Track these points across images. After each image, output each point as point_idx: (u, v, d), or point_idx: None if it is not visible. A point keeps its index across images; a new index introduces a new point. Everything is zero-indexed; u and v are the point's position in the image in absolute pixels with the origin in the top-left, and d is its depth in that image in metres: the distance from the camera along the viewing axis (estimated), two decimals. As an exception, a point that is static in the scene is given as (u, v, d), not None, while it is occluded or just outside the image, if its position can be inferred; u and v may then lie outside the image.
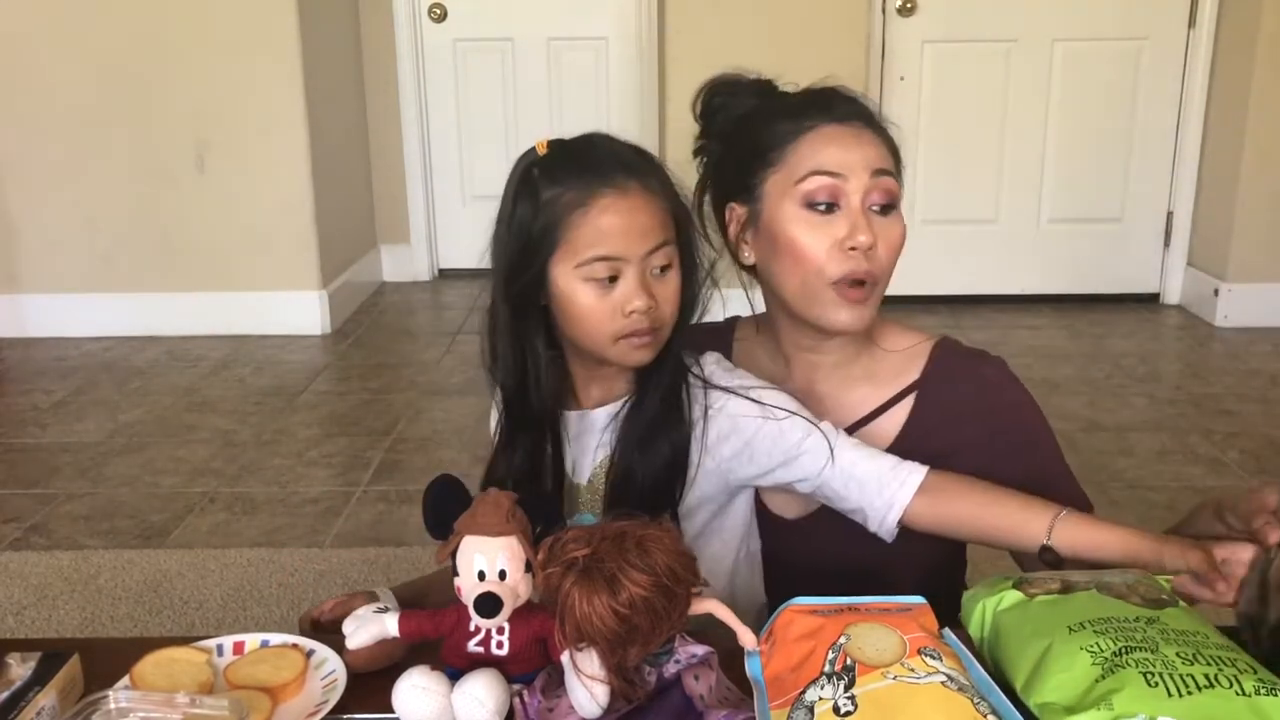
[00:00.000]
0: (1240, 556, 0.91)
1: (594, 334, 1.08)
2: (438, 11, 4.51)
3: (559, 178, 1.07)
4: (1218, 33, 4.01)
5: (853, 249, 1.12)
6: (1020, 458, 1.18)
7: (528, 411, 1.13)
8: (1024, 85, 4.14)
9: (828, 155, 1.13)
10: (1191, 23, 4.04)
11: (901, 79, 4.12)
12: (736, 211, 1.20)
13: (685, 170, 1.20)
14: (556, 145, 1.10)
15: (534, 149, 1.10)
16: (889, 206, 1.14)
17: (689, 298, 1.12)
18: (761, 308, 1.27)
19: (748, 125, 1.19)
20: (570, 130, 1.15)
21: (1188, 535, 0.99)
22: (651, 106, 4.43)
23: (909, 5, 4.03)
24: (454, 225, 4.71)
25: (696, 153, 1.25)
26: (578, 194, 1.05)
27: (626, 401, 1.14)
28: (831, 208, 1.13)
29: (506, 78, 4.58)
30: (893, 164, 1.16)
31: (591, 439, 1.16)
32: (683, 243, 1.11)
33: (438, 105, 4.62)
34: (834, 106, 1.16)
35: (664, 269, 1.08)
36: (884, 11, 4.04)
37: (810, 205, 1.13)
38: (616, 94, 4.56)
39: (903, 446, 1.20)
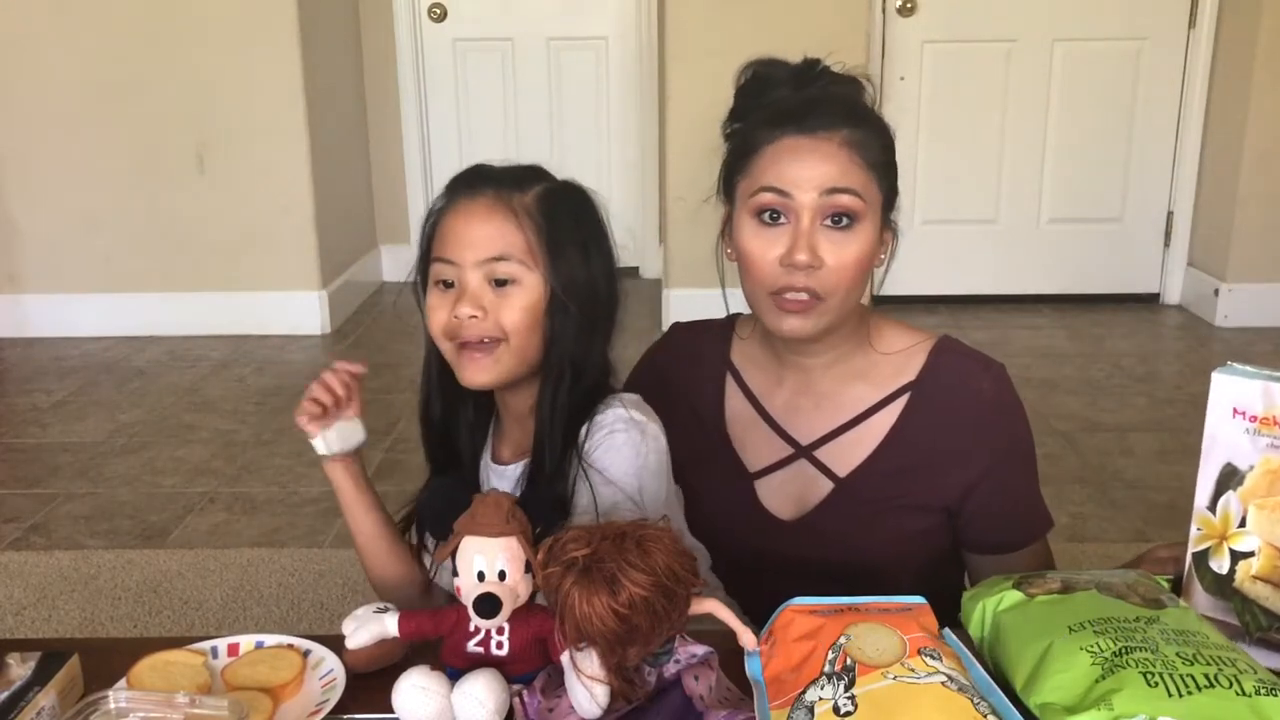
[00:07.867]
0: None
1: (438, 341, 1.13)
2: (438, 11, 4.51)
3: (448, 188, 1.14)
4: (1218, 33, 4.00)
5: (791, 265, 1.12)
6: (997, 472, 1.19)
7: (449, 457, 1.20)
8: (1024, 85, 4.13)
9: (780, 171, 1.13)
10: (1191, 23, 4.03)
11: (901, 79, 4.12)
12: (725, 209, 1.23)
13: (684, 169, 1.20)
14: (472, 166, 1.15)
15: None
16: (846, 222, 1.13)
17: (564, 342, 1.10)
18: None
19: (743, 127, 1.20)
20: (570, 130, 1.16)
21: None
22: (651, 106, 4.43)
23: (909, 5, 4.03)
24: (454, 225, 4.71)
25: (726, 137, 1.25)
26: (446, 199, 1.12)
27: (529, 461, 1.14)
28: (779, 218, 1.14)
29: (506, 78, 4.57)
30: (862, 177, 1.13)
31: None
32: (563, 280, 1.08)
33: (438, 105, 4.62)
34: (809, 116, 1.14)
35: (502, 283, 1.08)
36: (884, 11, 4.03)
37: (759, 216, 1.15)
38: (616, 94, 4.56)
39: (889, 447, 1.21)
